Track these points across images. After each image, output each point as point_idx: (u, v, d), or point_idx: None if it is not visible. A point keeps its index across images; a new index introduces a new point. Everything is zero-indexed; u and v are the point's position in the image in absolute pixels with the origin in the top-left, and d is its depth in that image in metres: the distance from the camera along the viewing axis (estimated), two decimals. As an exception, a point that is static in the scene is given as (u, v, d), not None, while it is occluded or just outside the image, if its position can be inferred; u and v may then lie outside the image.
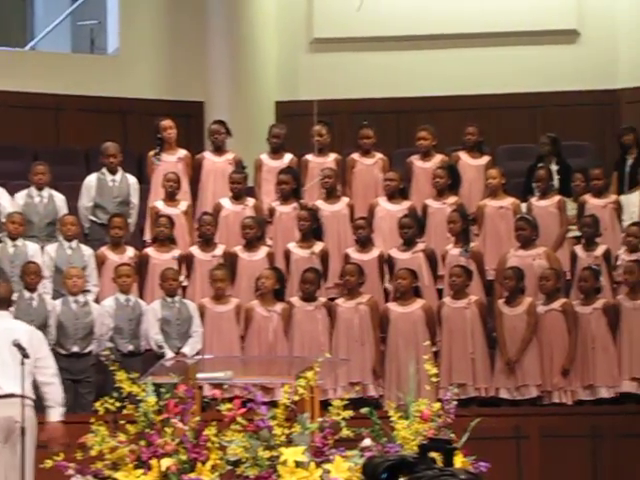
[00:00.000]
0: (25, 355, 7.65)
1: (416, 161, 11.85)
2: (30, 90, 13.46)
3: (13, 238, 10.64)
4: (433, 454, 3.01)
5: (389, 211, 11.00)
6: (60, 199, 11.34)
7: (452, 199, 11.07)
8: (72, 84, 13.56)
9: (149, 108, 13.46)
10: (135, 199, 11.52)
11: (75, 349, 10.25)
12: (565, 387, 10.31)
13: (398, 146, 12.80)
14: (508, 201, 11.29)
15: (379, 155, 11.73)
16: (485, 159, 11.64)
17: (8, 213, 10.87)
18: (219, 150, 11.86)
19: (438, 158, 11.80)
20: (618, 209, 11.28)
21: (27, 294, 10.33)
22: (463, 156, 11.69)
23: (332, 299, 10.72)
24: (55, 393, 8.21)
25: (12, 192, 11.42)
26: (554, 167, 11.98)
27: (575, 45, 14.35)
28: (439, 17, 14.09)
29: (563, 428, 10.08)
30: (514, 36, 14.11)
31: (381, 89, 13.86)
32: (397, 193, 10.99)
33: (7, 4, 15.01)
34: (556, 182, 11.88)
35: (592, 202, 11.42)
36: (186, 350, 10.00)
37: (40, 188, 11.23)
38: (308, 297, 10.39)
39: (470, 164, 11.77)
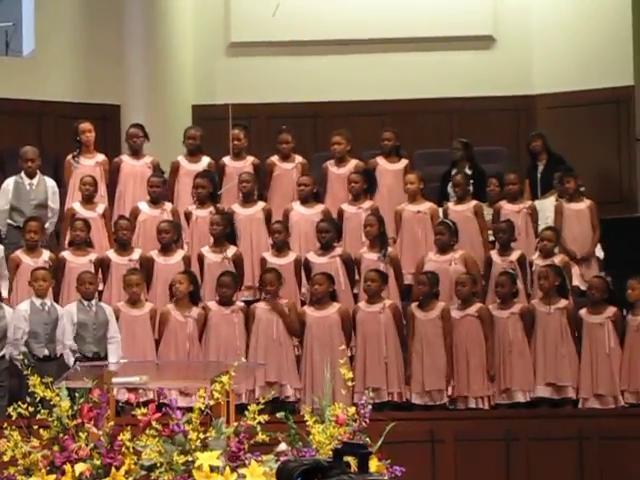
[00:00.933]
0: None
1: (331, 167, 11.90)
2: None
3: None
4: (348, 458, 3.04)
5: (303, 215, 11.07)
6: None
7: (368, 203, 11.10)
8: None
9: (65, 111, 13.47)
10: (54, 203, 11.45)
11: None
12: (484, 394, 10.48)
13: (315, 150, 12.89)
14: (426, 205, 11.36)
15: (299, 159, 11.77)
16: (403, 163, 11.71)
17: None
18: (137, 154, 11.81)
19: (353, 163, 11.87)
20: (533, 214, 11.44)
21: None
22: (380, 161, 11.74)
23: (247, 302, 10.77)
24: None
25: None
26: (467, 172, 12.17)
27: (491, 51, 14.48)
28: (356, 22, 14.13)
29: (478, 431, 10.21)
30: (430, 41, 14.22)
31: (298, 93, 13.89)
32: (311, 197, 11.05)
33: None
34: (470, 187, 12.00)
35: (507, 207, 11.57)
36: (112, 359, 9.93)
37: None
38: (225, 301, 10.39)
39: (388, 169, 11.83)
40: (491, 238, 11.31)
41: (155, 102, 13.72)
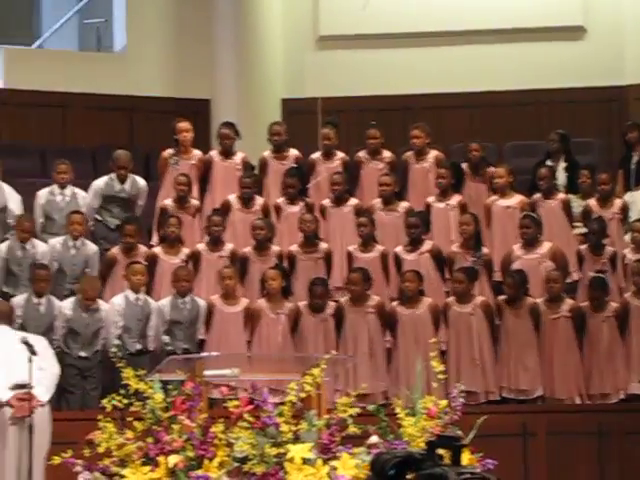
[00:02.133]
0: (33, 352, 7.76)
1: (410, 160, 11.86)
2: (38, 88, 13.46)
3: (23, 241, 10.74)
4: (441, 451, 3.00)
5: (385, 216, 11.12)
6: (82, 197, 11.43)
7: (455, 199, 11.07)
8: (79, 82, 13.62)
9: (156, 106, 13.63)
10: (142, 201, 11.63)
11: (83, 354, 10.34)
12: (576, 395, 10.47)
13: (404, 142, 12.45)
14: (516, 200, 11.22)
15: (387, 155, 11.70)
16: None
17: (17, 216, 11.01)
18: (227, 153, 11.82)
19: (432, 156, 11.81)
20: (624, 214, 11.39)
21: (35, 299, 10.33)
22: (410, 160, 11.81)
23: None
24: (47, 379, 8.34)
25: (19, 190, 11.48)
26: (562, 164, 11.98)
27: (582, 41, 14.33)
28: (444, 14, 14.09)
29: (570, 425, 10.07)
30: (520, 33, 14.11)
31: (386, 86, 13.79)
32: (393, 197, 11.11)
33: (14, 2, 15.07)
34: (564, 179, 11.91)
35: (599, 211, 11.38)
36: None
37: (63, 186, 11.29)
38: (317, 307, 10.43)
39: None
40: (583, 230, 11.26)
41: (245, 96, 13.73)
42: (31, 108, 13.63)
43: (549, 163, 12.00)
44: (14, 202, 11.31)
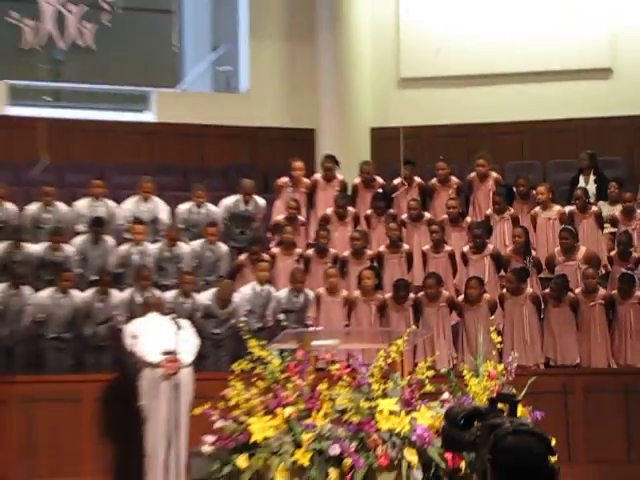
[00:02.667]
0: (179, 328, 8.37)
1: (475, 182, 11.90)
2: (181, 121, 13.90)
3: (170, 245, 10.86)
4: (500, 405, 2.95)
5: (452, 231, 11.29)
6: (214, 211, 11.55)
7: (508, 213, 11.22)
8: (213, 116, 13.90)
9: (272, 134, 13.74)
10: (261, 215, 11.75)
11: (216, 331, 10.40)
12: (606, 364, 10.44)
13: (468, 162, 12.61)
14: (554, 211, 11.36)
15: (454, 181, 11.89)
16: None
17: (167, 225, 11.21)
18: (329, 179, 12.02)
19: (492, 179, 11.87)
20: None
21: (181, 298, 10.34)
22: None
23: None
24: (189, 348, 8.78)
25: (168, 202, 11.69)
26: (592, 177, 12.08)
27: (609, 80, 14.15)
28: (499, 59, 14.06)
29: (602, 385, 10.17)
30: (559, 74, 14.08)
31: (454, 117, 13.84)
32: (459, 217, 11.24)
33: (162, 54, 14.77)
34: (594, 190, 11.98)
35: (623, 222, 11.53)
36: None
37: (199, 206, 11.47)
38: (399, 300, 10.33)
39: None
40: (611, 230, 11.41)
41: (341, 125, 13.73)
42: (176, 137, 13.80)
43: (581, 178, 12.14)
44: (164, 213, 11.41)
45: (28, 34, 13.92)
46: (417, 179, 11.79)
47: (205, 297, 10.32)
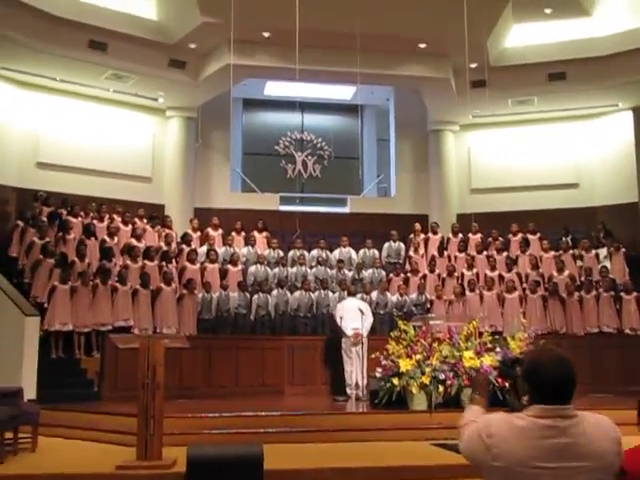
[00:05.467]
0: (362, 312, 8.43)
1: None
2: (370, 212, 13.64)
3: None
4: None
5: None
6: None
7: None
8: (377, 209, 13.96)
9: (407, 219, 13.05)
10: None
11: (381, 312, 9.87)
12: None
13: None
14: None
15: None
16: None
17: None
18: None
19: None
20: None
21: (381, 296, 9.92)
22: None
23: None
24: (367, 325, 8.47)
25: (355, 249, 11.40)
26: None
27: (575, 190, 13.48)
28: (517, 177, 13.53)
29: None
30: (546, 186, 13.38)
31: (505, 205, 13.34)
32: None
33: (352, 179, 14.52)
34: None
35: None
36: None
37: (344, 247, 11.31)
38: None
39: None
40: None
41: (443, 212, 13.48)
42: (361, 220, 13.48)
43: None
44: (354, 254, 11.28)
45: (290, 170, 14.92)
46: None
47: (374, 295, 10.32)
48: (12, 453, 5.37)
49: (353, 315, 8.54)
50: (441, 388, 6.67)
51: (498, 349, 7.17)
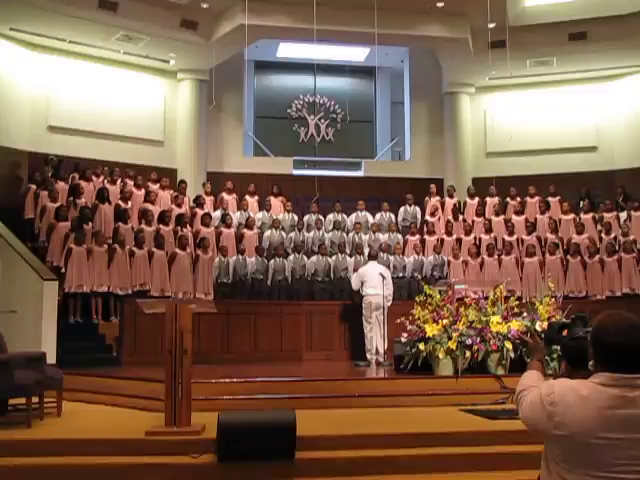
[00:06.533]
0: (383, 277, 8.44)
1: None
2: (383, 175, 13.53)
3: None
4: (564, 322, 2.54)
5: None
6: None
7: None
8: (392, 172, 13.86)
9: (421, 183, 13.00)
10: None
11: (400, 274, 9.88)
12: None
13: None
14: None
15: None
16: None
17: None
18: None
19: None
20: None
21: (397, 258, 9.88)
22: None
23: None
24: (389, 290, 8.58)
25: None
26: None
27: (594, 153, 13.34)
28: (535, 141, 13.32)
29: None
30: (562, 149, 13.30)
31: (514, 172, 13.15)
32: None
33: (366, 142, 14.64)
34: None
35: None
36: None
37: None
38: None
39: None
40: None
41: (457, 174, 13.42)
42: (374, 184, 13.46)
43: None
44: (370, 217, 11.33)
45: (302, 134, 14.84)
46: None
47: (392, 259, 10.22)
48: (39, 418, 5.31)
49: (375, 280, 8.48)
50: (468, 353, 6.60)
51: (525, 314, 7.10)
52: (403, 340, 6.97)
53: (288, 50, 13.62)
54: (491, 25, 11.08)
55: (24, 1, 10.05)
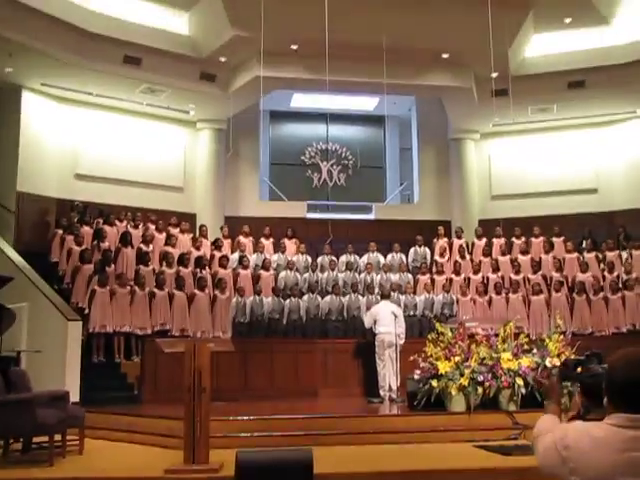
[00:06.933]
0: (395, 316, 8.40)
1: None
2: (394, 218, 13.50)
3: None
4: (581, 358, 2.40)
5: None
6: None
7: None
8: (401, 215, 13.74)
9: (429, 225, 13.01)
10: None
11: (412, 313, 9.82)
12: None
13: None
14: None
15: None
16: None
17: None
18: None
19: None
20: None
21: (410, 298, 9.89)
22: None
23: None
24: (402, 329, 8.45)
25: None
26: None
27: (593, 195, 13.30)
28: (532, 184, 13.34)
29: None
30: (564, 192, 13.20)
31: (515, 213, 13.18)
32: None
33: (376, 187, 14.71)
34: None
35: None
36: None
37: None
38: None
39: None
40: None
41: (465, 217, 13.38)
42: (385, 226, 13.39)
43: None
44: (382, 258, 11.26)
45: (316, 179, 14.84)
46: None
47: (403, 298, 10.25)
48: (61, 456, 5.28)
49: (387, 319, 8.47)
50: (480, 390, 6.52)
51: (535, 350, 7.02)
52: (416, 377, 6.89)
53: (301, 100, 13.81)
54: (494, 75, 11.18)
55: (54, 57, 10.31)
